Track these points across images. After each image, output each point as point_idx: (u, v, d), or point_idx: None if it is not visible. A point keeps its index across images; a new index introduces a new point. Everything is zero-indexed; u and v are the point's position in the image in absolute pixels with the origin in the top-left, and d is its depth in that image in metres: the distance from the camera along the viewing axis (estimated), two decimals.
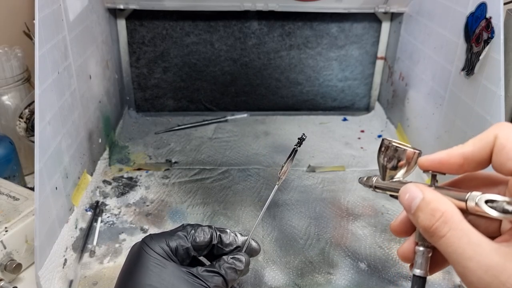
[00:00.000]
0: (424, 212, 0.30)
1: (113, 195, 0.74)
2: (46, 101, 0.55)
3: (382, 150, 0.37)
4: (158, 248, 0.45)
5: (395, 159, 0.36)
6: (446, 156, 0.32)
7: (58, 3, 0.59)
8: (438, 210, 0.29)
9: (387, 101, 1.00)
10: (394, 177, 0.37)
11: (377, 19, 0.97)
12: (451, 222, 0.28)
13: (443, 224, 0.28)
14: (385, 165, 0.37)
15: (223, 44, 0.97)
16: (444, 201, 0.29)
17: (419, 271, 0.32)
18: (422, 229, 0.30)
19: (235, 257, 0.48)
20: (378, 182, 0.38)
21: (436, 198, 0.30)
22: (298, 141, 0.49)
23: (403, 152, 0.36)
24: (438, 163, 0.32)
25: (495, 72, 0.59)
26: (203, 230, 0.48)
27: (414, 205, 0.30)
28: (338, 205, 0.73)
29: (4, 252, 0.56)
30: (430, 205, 0.29)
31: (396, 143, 0.36)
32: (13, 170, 0.71)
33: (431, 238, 0.29)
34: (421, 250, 0.32)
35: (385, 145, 0.37)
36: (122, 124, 0.96)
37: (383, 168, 0.37)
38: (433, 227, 0.29)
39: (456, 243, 0.28)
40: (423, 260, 0.32)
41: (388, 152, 0.36)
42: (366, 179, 0.40)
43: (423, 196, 0.30)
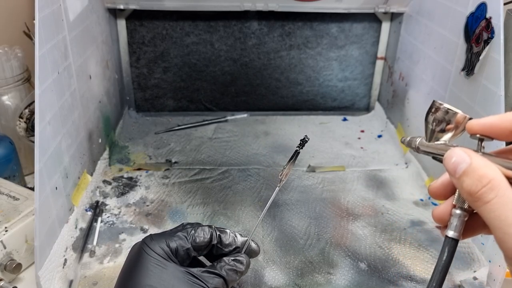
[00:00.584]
0: (470, 177, 0.29)
1: (113, 195, 0.74)
2: (46, 101, 0.55)
3: (432, 111, 0.36)
4: (158, 249, 0.45)
5: (444, 122, 0.35)
6: (498, 120, 0.31)
7: (58, 3, 0.59)
8: (486, 176, 0.29)
9: (387, 101, 1.00)
10: (440, 140, 0.36)
11: (377, 19, 0.97)
12: (498, 189, 0.28)
13: (490, 190, 0.28)
14: (433, 126, 0.36)
15: (223, 44, 0.97)
16: (492, 167, 0.29)
17: (453, 233, 0.32)
18: (466, 193, 0.30)
19: (236, 259, 0.48)
20: (422, 144, 0.37)
21: (484, 164, 0.29)
22: (300, 142, 0.49)
23: (454, 115, 0.35)
24: (489, 127, 0.31)
25: (495, 72, 0.59)
26: (203, 230, 0.48)
27: (460, 169, 0.30)
28: (338, 205, 0.73)
29: (4, 252, 0.56)
30: (478, 170, 0.29)
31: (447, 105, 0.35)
32: (13, 170, 0.71)
33: (475, 203, 0.29)
34: (458, 213, 0.32)
35: (436, 107, 0.36)
36: (122, 124, 0.96)
37: (430, 130, 0.36)
38: (479, 192, 0.29)
39: (500, 209, 0.28)
40: (458, 222, 0.32)
41: (438, 114, 0.36)
42: (410, 139, 0.39)
43: (470, 161, 0.30)
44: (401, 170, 0.83)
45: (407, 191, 0.78)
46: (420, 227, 0.69)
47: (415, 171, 0.82)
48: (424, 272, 0.60)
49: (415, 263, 0.62)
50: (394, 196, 0.76)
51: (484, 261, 0.61)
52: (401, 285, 0.58)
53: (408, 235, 0.67)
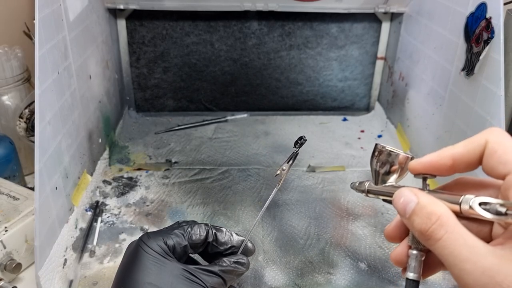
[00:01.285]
0: (419, 216, 0.30)
1: (113, 195, 0.74)
2: (46, 101, 0.55)
3: (376, 154, 0.37)
4: (156, 247, 0.45)
5: (388, 164, 0.37)
6: (436, 158, 0.32)
7: (58, 3, 0.59)
8: (434, 213, 0.29)
9: (387, 101, 1.00)
10: (387, 182, 0.37)
11: (377, 19, 0.97)
12: (447, 225, 0.29)
13: (439, 227, 0.29)
14: (378, 169, 0.37)
15: (223, 44, 0.97)
16: (439, 204, 0.30)
17: (413, 275, 0.32)
18: (418, 232, 0.30)
19: (238, 261, 0.48)
20: (371, 187, 0.39)
21: (431, 201, 0.30)
22: (299, 143, 0.49)
23: (396, 156, 0.36)
24: (429, 165, 0.33)
25: (495, 72, 0.59)
26: (199, 227, 0.48)
27: (409, 209, 0.31)
28: (338, 205, 0.73)
29: (4, 252, 0.56)
30: (426, 208, 0.30)
31: (389, 148, 0.37)
32: (13, 170, 0.71)
33: (427, 241, 0.30)
34: (415, 253, 0.32)
35: (379, 150, 0.37)
36: (122, 124, 0.96)
37: (376, 173, 0.38)
38: (429, 230, 0.29)
39: (452, 245, 0.28)
40: (416, 263, 0.32)
41: (381, 157, 0.37)
42: (359, 184, 0.40)
43: (418, 200, 0.30)
44: None
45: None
46: None
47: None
48: None
49: None
50: None
51: None
52: (401, 285, 0.58)
53: None
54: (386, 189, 0.37)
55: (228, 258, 0.48)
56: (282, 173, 0.50)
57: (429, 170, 0.33)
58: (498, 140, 0.30)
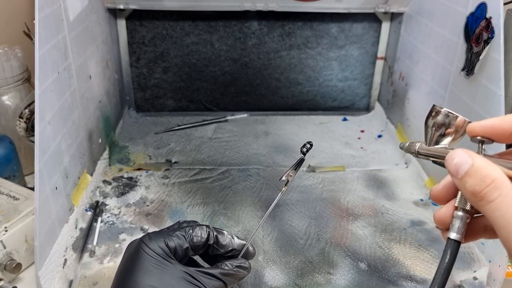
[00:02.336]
0: (473, 177, 0.29)
1: (113, 195, 0.74)
2: (46, 101, 0.55)
3: (433, 115, 0.36)
4: (157, 248, 0.44)
5: (444, 126, 0.35)
6: (498, 122, 0.31)
7: (58, 3, 0.59)
8: (489, 176, 0.29)
9: (387, 101, 1.00)
10: (439, 144, 0.36)
11: (377, 19, 0.97)
12: (502, 188, 0.28)
13: (494, 189, 0.28)
14: (433, 130, 0.36)
15: (223, 44, 0.97)
16: (495, 167, 0.29)
17: (455, 235, 0.32)
18: (469, 193, 0.30)
19: (241, 265, 0.48)
20: (422, 148, 0.37)
21: (487, 164, 0.30)
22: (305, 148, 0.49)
23: (454, 118, 0.35)
24: (490, 128, 0.32)
25: (495, 72, 0.59)
26: (200, 229, 0.48)
27: (462, 170, 0.30)
28: (338, 205, 0.73)
29: (4, 251, 0.56)
30: (481, 171, 0.29)
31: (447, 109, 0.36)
32: (13, 170, 0.71)
33: (479, 203, 0.29)
34: (461, 215, 0.32)
35: (436, 110, 0.36)
36: (122, 124, 0.96)
37: (430, 134, 0.36)
38: (483, 191, 0.29)
39: (505, 208, 0.28)
40: (461, 224, 0.32)
41: (438, 118, 0.36)
42: (409, 144, 0.39)
43: (472, 162, 0.30)
44: (401, 170, 0.83)
45: (407, 191, 0.78)
46: (420, 227, 0.69)
47: (415, 171, 0.82)
48: (424, 272, 0.60)
49: (415, 263, 0.62)
50: (394, 196, 0.76)
51: (484, 261, 0.61)
52: (401, 285, 0.58)
53: (408, 235, 0.67)
54: (438, 150, 0.36)
55: (230, 262, 0.47)
56: (288, 178, 0.49)
57: (488, 133, 0.32)
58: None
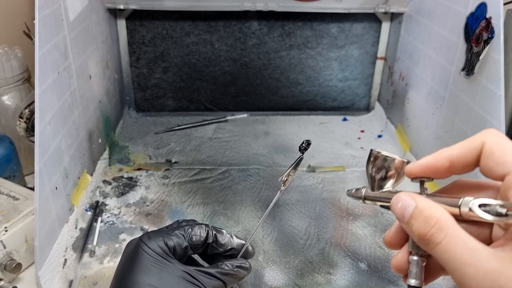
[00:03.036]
0: (418, 220, 0.30)
1: (113, 195, 0.74)
2: (46, 101, 0.55)
3: (371, 160, 0.37)
4: (156, 247, 0.44)
5: (384, 169, 0.36)
6: (432, 160, 0.32)
7: (58, 3, 0.59)
8: (432, 217, 0.29)
9: (387, 101, 1.00)
10: (384, 188, 0.37)
11: (377, 19, 0.97)
12: (446, 229, 0.28)
13: (439, 230, 0.28)
14: (374, 175, 0.37)
15: (223, 44, 0.97)
16: (438, 207, 0.29)
17: (414, 281, 0.32)
18: (416, 237, 0.30)
19: (241, 265, 0.48)
20: (367, 193, 0.38)
21: (429, 205, 0.30)
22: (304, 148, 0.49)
23: (392, 161, 0.36)
24: (426, 167, 0.32)
25: (495, 72, 0.59)
26: (200, 228, 0.48)
27: (407, 213, 0.30)
28: (338, 205, 0.73)
29: (4, 251, 0.56)
30: (424, 212, 0.29)
31: (385, 153, 0.36)
32: (13, 170, 0.71)
33: (427, 246, 0.29)
34: (415, 259, 0.32)
35: (374, 155, 0.37)
36: (122, 124, 0.96)
37: (372, 179, 0.37)
38: (428, 234, 0.29)
39: (452, 249, 0.28)
40: (417, 269, 0.32)
41: (376, 162, 0.36)
42: (355, 191, 0.40)
43: (415, 204, 0.30)
44: None
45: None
46: None
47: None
48: None
49: None
50: None
51: None
52: (401, 285, 0.58)
53: None
54: (383, 195, 0.37)
55: (230, 262, 0.47)
56: (288, 178, 0.49)
57: (426, 172, 0.32)
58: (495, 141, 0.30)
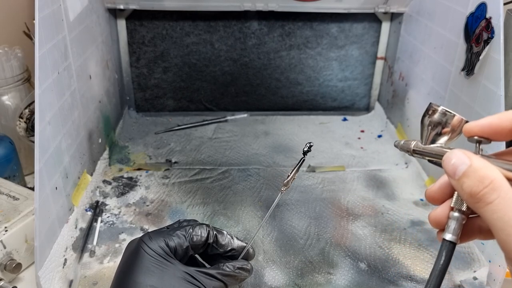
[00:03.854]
0: (471, 178, 0.29)
1: (113, 195, 0.74)
2: (46, 101, 0.55)
3: (429, 113, 0.35)
4: (157, 248, 0.44)
5: (441, 124, 0.35)
6: (496, 120, 0.31)
7: (58, 3, 0.59)
8: (487, 177, 0.28)
9: (387, 101, 1.00)
10: (436, 143, 0.35)
11: (377, 19, 0.97)
12: (500, 190, 0.28)
13: (492, 191, 0.28)
14: (429, 129, 0.35)
15: (223, 44, 0.97)
16: (493, 168, 0.29)
17: (451, 236, 0.31)
18: (467, 194, 0.29)
19: (242, 267, 0.48)
20: (417, 146, 0.37)
21: (485, 165, 0.29)
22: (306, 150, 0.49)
23: (451, 117, 0.34)
24: (487, 127, 0.31)
25: (495, 72, 0.59)
26: (200, 228, 0.48)
27: (459, 171, 0.30)
28: (338, 205, 0.73)
29: (4, 251, 0.56)
30: (479, 172, 0.29)
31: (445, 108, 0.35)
32: (13, 170, 0.71)
33: (476, 204, 0.29)
34: (457, 215, 0.32)
35: (433, 109, 0.35)
36: (122, 124, 0.96)
37: (426, 132, 0.36)
38: (481, 193, 0.28)
39: (503, 210, 0.27)
40: (457, 225, 0.31)
41: (434, 116, 0.35)
42: (404, 143, 0.38)
43: (470, 163, 0.29)
44: (401, 170, 0.83)
45: (407, 191, 0.78)
46: (420, 227, 0.69)
47: (415, 171, 0.82)
48: (424, 272, 0.60)
49: (415, 263, 0.62)
50: (394, 196, 0.76)
51: (484, 261, 0.61)
52: (401, 285, 0.58)
53: (408, 235, 0.67)
54: (435, 150, 0.35)
55: (232, 263, 0.47)
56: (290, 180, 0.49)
57: (486, 132, 0.31)
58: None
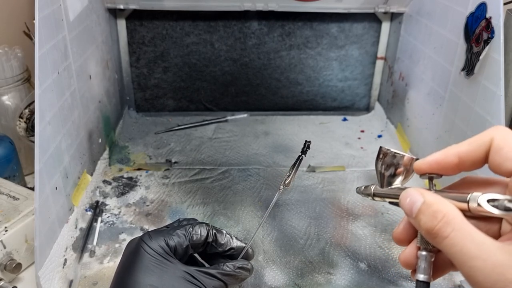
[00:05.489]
0: (425, 214, 0.30)
1: (113, 195, 0.74)
2: (46, 101, 0.55)
3: (380, 157, 0.37)
4: (157, 247, 0.44)
5: (393, 166, 0.37)
6: (442, 156, 0.32)
7: (58, 3, 0.59)
8: (440, 211, 0.29)
9: (387, 101, 1.00)
10: (393, 184, 0.37)
11: (377, 19, 0.97)
12: (454, 223, 0.28)
13: (446, 224, 0.29)
14: (383, 172, 0.37)
15: (223, 44, 0.97)
16: (445, 202, 0.30)
17: (423, 276, 0.32)
18: (424, 231, 0.30)
19: (243, 267, 0.48)
20: (377, 190, 0.39)
21: (437, 200, 0.30)
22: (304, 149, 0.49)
23: (401, 158, 0.36)
24: (435, 164, 0.32)
25: (495, 72, 0.59)
26: (200, 227, 0.48)
27: (415, 208, 0.31)
28: (338, 205, 0.73)
29: (4, 251, 0.56)
30: (432, 207, 0.30)
31: (394, 150, 0.37)
32: (13, 170, 0.71)
33: (434, 240, 0.29)
34: (424, 254, 0.32)
35: (383, 152, 0.37)
36: (122, 124, 0.96)
37: (381, 176, 0.38)
38: (436, 228, 0.29)
39: (460, 242, 0.28)
40: (426, 264, 0.32)
41: (386, 159, 0.37)
42: (364, 188, 0.40)
43: (424, 199, 0.30)
44: None
45: None
46: None
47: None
48: None
49: None
50: None
51: None
52: (401, 285, 0.58)
53: None
54: (392, 192, 0.37)
55: (232, 263, 0.47)
56: (288, 178, 0.49)
57: (435, 169, 0.33)
58: (503, 137, 0.30)
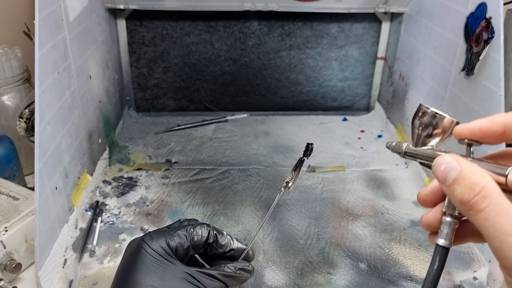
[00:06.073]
0: (462, 185, 0.28)
1: (113, 195, 0.74)
2: (46, 101, 0.55)
3: (419, 115, 0.35)
4: (158, 248, 0.44)
5: (431, 126, 0.34)
6: (487, 123, 0.30)
7: (58, 3, 0.59)
8: (478, 184, 0.28)
9: (387, 101, 1.00)
10: (427, 145, 0.35)
11: (377, 19, 0.97)
12: (491, 197, 0.27)
13: (483, 198, 0.27)
14: (419, 131, 0.35)
15: (223, 44, 0.97)
16: (484, 174, 0.28)
17: (444, 241, 0.31)
18: (458, 202, 0.29)
19: (244, 268, 0.48)
20: (409, 148, 0.36)
21: (475, 171, 0.28)
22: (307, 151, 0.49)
23: (441, 119, 0.34)
24: (478, 130, 0.30)
25: (495, 72, 0.59)
26: (201, 228, 0.48)
27: (450, 177, 0.29)
28: (338, 205, 0.73)
29: (4, 251, 0.56)
30: (469, 178, 0.28)
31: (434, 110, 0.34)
32: (13, 170, 0.71)
33: (468, 212, 0.28)
34: (449, 220, 0.31)
35: (422, 111, 0.35)
36: (122, 124, 0.96)
37: (417, 135, 0.35)
38: (472, 201, 0.28)
39: (495, 217, 0.27)
40: (449, 230, 0.31)
41: (424, 118, 0.34)
42: (396, 144, 0.38)
43: (460, 169, 0.29)
44: (401, 170, 0.83)
45: (407, 191, 0.78)
46: (420, 227, 0.68)
47: (415, 171, 0.82)
48: (424, 272, 0.60)
49: (415, 263, 0.62)
50: (394, 196, 0.76)
51: (484, 261, 0.61)
52: (401, 285, 0.58)
53: (408, 235, 0.67)
54: (425, 152, 0.35)
55: (233, 264, 0.47)
56: (290, 180, 0.49)
57: (476, 136, 0.31)
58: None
